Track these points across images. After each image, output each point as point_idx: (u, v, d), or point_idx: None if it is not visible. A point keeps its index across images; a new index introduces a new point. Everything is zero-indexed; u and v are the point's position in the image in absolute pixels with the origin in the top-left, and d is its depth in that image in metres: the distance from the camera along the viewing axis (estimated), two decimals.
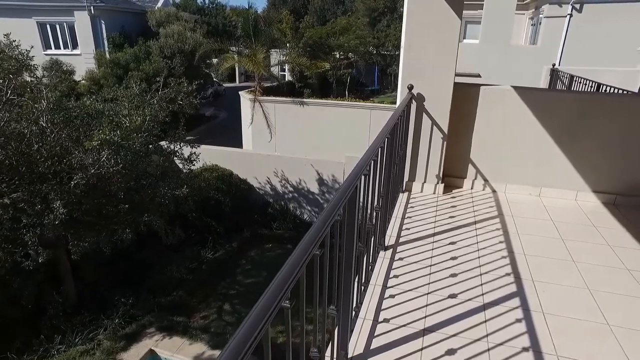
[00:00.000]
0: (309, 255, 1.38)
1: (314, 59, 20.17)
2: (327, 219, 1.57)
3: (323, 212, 1.61)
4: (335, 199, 1.71)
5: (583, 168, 4.04)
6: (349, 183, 1.81)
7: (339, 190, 1.78)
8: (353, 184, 1.82)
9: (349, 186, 1.82)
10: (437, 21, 3.69)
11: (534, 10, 17.81)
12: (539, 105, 3.96)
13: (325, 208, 1.64)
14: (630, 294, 2.73)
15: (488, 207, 3.90)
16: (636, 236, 3.47)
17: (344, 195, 1.75)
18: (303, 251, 1.36)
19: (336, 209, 1.67)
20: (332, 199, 1.72)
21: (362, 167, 2.04)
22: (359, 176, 1.98)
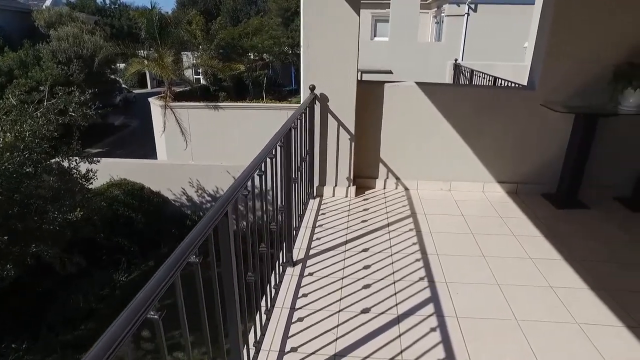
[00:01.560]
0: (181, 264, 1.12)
1: (227, 61, 19.51)
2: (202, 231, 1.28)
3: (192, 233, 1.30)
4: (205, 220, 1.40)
5: (488, 160, 4.11)
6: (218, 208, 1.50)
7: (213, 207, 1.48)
8: (220, 212, 1.50)
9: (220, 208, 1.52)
10: (334, 18, 3.51)
11: (436, 10, 18.77)
12: (443, 100, 3.96)
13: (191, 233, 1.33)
14: (533, 284, 2.75)
15: (401, 207, 3.81)
16: (535, 223, 3.57)
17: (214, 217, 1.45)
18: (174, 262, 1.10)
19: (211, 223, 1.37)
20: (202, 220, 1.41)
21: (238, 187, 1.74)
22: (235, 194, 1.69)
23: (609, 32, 3.68)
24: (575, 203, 3.93)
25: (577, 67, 3.79)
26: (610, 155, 4.05)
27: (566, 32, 3.69)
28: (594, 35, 3.69)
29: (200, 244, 1.34)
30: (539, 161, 4.09)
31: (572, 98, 3.87)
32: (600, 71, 3.76)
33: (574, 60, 3.76)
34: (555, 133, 3.97)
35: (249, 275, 1.91)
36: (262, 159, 1.97)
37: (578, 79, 3.83)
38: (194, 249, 1.29)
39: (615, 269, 2.96)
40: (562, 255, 3.09)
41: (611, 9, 3.62)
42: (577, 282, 2.79)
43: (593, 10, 3.63)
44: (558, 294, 2.66)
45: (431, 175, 4.16)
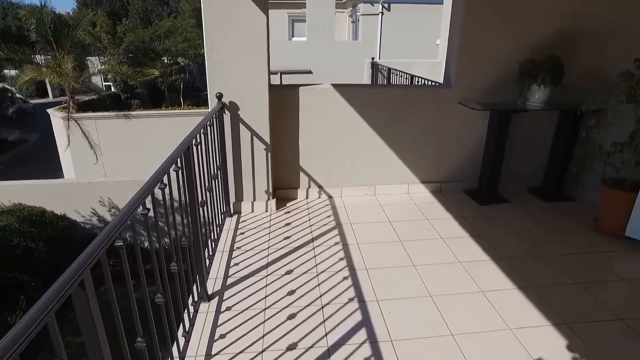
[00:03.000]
0: None
1: (139, 66, 18.22)
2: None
3: None
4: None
5: (410, 160, 4.03)
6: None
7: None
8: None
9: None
10: (240, 19, 3.17)
11: (352, 9, 19.02)
12: (361, 102, 3.79)
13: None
14: (465, 290, 2.64)
15: (325, 218, 3.58)
16: (461, 222, 3.53)
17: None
18: None
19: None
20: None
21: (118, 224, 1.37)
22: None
23: (514, 32, 3.75)
24: (496, 198, 3.97)
25: (488, 65, 3.81)
26: (521, 149, 4.16)
27: (476, 31, 3.70)
28: (501, 34, 3.73)
29: None
30: (460, 159, 4.09)
31: (486, 95, 3.89)
32: (510, 69, 3.81)
33: (485, 58, 3.78)
34: (473, 130, 3.98)
35: (138, 341, 1.52)
36: (145, 193, 1.59)
37: (490, 77, 3.86)
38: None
39: (534, 263, 2.96)
40: (489, 255, 3.04)
41: (515, 10, 3.68)
42: (506, 282, 2.73)
43: (499, 11, 3.67)
44: (489, 298, 2.57)
45: (354, 181, 3.99)
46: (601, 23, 3.77)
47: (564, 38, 3.83)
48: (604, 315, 2.45)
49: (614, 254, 3.12)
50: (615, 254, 3.12)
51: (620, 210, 3.30)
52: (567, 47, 3.83)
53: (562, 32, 3.82)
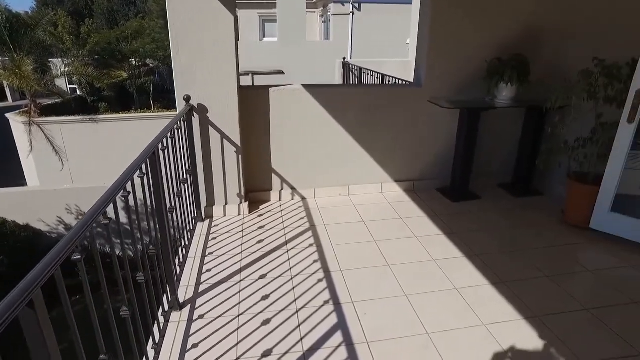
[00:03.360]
0: None
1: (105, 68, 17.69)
2: None
3: None
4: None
5: (383, 159, 4.03)
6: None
7: None
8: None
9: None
10: (207, 19, 3.09)
11: (323, 9, 19.04)
12: (332, 101, 3.77)
13: None
14: (440, 288, 2.66)
15: (299, 220, 3.54)
16: (434, 220, 3.56)
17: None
18: None
19: None
20: None
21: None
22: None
23: (481, 31, 3.81)
24: (468, 194, 4.03)
25: (457, 64, 3.86)
26: (492, 146, 4.23)
27: (444, 31, 3.74)
28: (469, 33, 3.79)
29: None
30: (432, 157, 4.13)
31: (456, 93, 3.94)
32: (478, 67, 3.88)
33: (454, 57, 3.83)
34: (444, 128, 4.02)
35: (102, 358, 1.45)
36: (105, 204, 1.51)
37: (459, 75, 3.91)
38: None
39: (506, 258, 3.01)
40: (462, 252, 3.07)
41: (481, 9, 3.74)
42: (479, 278, 2.77)
43: (466, 11, 3.72)
44: (464, 295, 2.59)
45: (328, 181, 3.97)
46: (560, 23, 3.88)
47: (528, 37, 3.92)
48: (572, 307, 2.51)
49: (580, 246, 3.21)
50: (581, 246, 3.21)
51: (584, 204, 3.39)
52: (531, 46, 3.92)
53: (525, 31, 3.91)
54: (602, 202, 3.25)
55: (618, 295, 2.62)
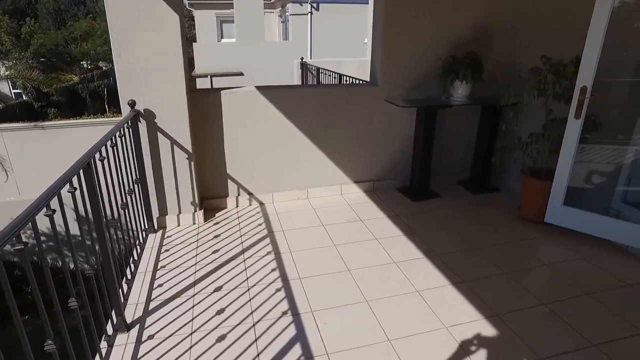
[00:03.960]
0: None
1: (53, 71, 16.84)
2: None
3: None
4: None
5: (342, 161, 3.97)
6: None
7: None
8: None
9: None
10: (150, 19, 2.91)
11: (281, 9, 18.88)
12: (288, 103, 3.66)
13: None
14: (401, 292, 2.61)
15: (256, 226, 3.42)
16: (395, 221, 3.53)
17: None
18: None
19: None
20: None
21: None
22: None
23: (435, 29, 3.81)
24: (428, 193, 4.03)
25: (412, 63, 3.86)
26: (450, 143, 4.26)
27: (398, 29, 3.71)
28: (423, 31, 3.79)
29: None
30: (391, 156, 4.10)
31: (412, 92, 3.94)
32: (433, 65, 3.89)
33: (408, 56, 3.82)
34: (402, 127, 4.01)
35: None
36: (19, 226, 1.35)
37: (415, 74, 3.90)
38: None
39: (466, 257, 3.02)
40: (423, 253, 3.05)
41: (434, 7, 3.74)
42: (440, 279, 2.74)
43: (419, 9, 3.71)
44: (425, 298, 2.55)
45: (286, 185, 3.86)
46: (511, 22, 3.95)
47: (480, 35, 3.96)
48: (530, 302, 2.53)
49: (536, 241, 3.27)
50: (537, 241, 3.27)
51: (538, 198, 3.46)
52: (484, 44, 3.97)
53: (478, 29, 3.95)
54: (555, 196, 3.32)
55: (571, 288, 2.67)
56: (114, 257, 2.25)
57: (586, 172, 3.49)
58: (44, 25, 23.49)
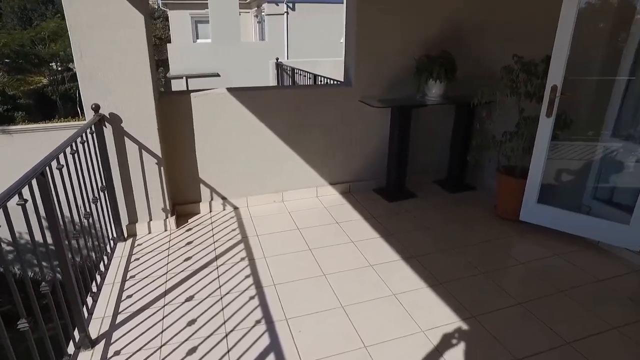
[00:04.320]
0: None
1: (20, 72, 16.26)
2: None
3: None
4: None
5: (317, 162, 3.92)
6: None
7: None
8: None
9: None
10: (112, 19, 2.78)
11: (257, 9, 18.72)
12: (261, 105, 3.58)
13: None
14: (378, 295, 2.57)
15: (230, 232, 3.33)
16: (371, 223, 3.49)
17: None
18: None
19: None
20: None
21: None
22: None
23: (409, 28, 3.80)
24: (404, 193, 4.02)
25: (386, 62, 3.83)
26: (425, 143, 4.26)
27: (371, 29, 3.68)
28: (397, 31, 3.77)
29: None
30: (367, 157, 4.07)
31: (387, 92, 3.91)
32: (408, 65, 3.87)
33: (382, 55, 3.79)
34: (377, 127, 3.98)
35: None
36: None
37: (389, 74, 3.88)
38: None
39: (442, 258, 3.00)
40: (400, 255, 3.02)
41: (407, 6, 3.72)
42: (417, 282, 2.72)
43: (392, 8, 3.68)
44: (402, 301, 2.52)
45: (261, 189, 3.79)
46: (484, 21, 3.97)
47: (453, 34, 3.97)
48: (506, 302, 2.52)
49: (511, 239, 3.28)
50: (512, 239, 3.28)
51: (514, 196, 3.48)
52: (457, 43, 3.98)
53: (451, 28, 3.95)
54: (529, 194, 3.34)
55: (546, 286, 2.68)
56: (76, 270, 2.13)
57: (559, 170, 3.53)
58: (9, 25, 22.67)
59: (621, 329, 2.32)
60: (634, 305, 2.53)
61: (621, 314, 2.44)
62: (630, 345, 2.20)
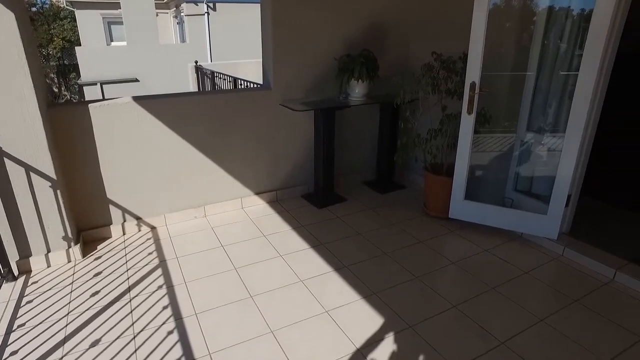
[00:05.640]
0: None
1: None
2: None
3: None
4: None
5: (241, 172, 3.66)
6: None
7: None
8: None
9: None
10: None
11: (175, 9, 17.85)
12: (174, 113, 3.25)
13: None
14: (310, 314, 2.39)
15: (146, 256, 2.99)
16: (300, 233, 3.32)
17: None
18: None
19: None
20: None
21: None
22: None
23: (329, 27, 3.66)
24: (334, 198, 3.89)
25: (306, 63, 3.67)
26: (353, 144, 4.17)
27: (289, 28, 3.49)
28: (316, 29, 3.61)
29: None
30: (293, 163, 3.89)
31: (309, 93, 3.75)
32: (329, 65, 3.74)
33: (302, 55, 3.62)
34: (302, 131, 3.81)
35: None
36: None
37: (310, 74, 3.72)
38: None
39: (376, 265, 2.90)
40: (332, 266, 2.87)
41: (324, 6, 3.58)
42: (351, 294, 2.58)
43: (310, 5, 3.52)
44: (335, 317, 2.36)
45: (180, 204, 3.46)
46: (402, 18, 3.95)
47: (374, 33, 3.90)
48: (442, 306, 2.46)
49: (442, 238, 3.26)
50: (443, 238, 3.27)
51: (442, 194, 3.48)
52: (378, 41, 3.92)
53: (371, 27, 3.88)
54: (457, 191, 3.35)
55: (478, 284, 2.67)
56: None
57: (483, 165, 3.58)
58: None
59: (547, 319, 2.35)
60: (557, 295, 2.58)
61: (547, 305, 2.48)
62: (554, 337, 2.21)
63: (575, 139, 2.78)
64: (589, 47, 2.58)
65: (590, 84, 2.63)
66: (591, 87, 2.63)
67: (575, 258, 2.94)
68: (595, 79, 2.62)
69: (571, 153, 2.82)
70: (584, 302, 2.52)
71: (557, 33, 3.08)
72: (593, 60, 2.58)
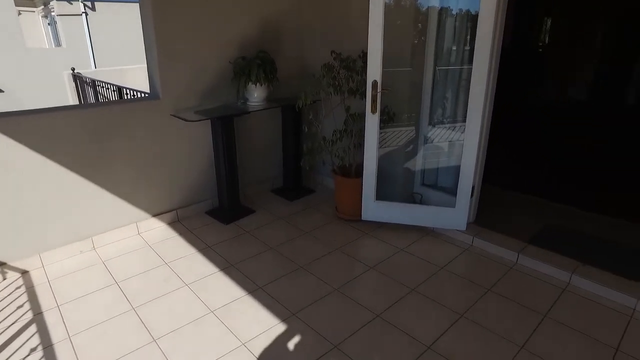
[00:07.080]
0: None
1: None
2: None
3: None
4: None
5: (133, 194, 3.21)
6: None
7: None
8: None
9: None
10: None
11: (43, 7, 15.83)
12: (42, 134, 2.70)
13: None
14: (225, 350, 2.12)
15: (14, 311, 2.43)
16: (208, 256, 3.01)
17: None
18: None
19: None
20: None
21: None
22: None
23: (222, 28, 3.36)
24: (241, 211, 3.62)
25: (199, 67, 3.34)
26: (257, 151, 3.93)
27: (175, 29, 3.13)
28: (207, 30, 3.30)
29: None
30: (193, 177, 3.53)
31: (204, 101, 3.42)
32: (224, 69, 3.45)
33: (192, 59, 3.28)
34: (199, 142, 3.48)
35: None
36: None
37: (204, 80, 3.39)
38: None
39: (293, 281, 2.71)
40: (244, 289, 2.61)
41: (213, 6, 3.27)
42: (268, 319, 2.34)
43: (194, 5, 3.18)
44: (253, 349, 2.12)
45: (59, 239, 2.92)
46: (297, 18, 3.80)
47: (269, 33, 3.70)
48: (365, 318, 2.35)
49: (357, 242, 3.18)
50: (358, 242, 3.18)
51: (353, 197, 3.40)
52: (274, 42, 3.73)
53: (266, 27, 3.66)
54: (367, 192, 3.29)
55: (398, 288, 2.61)
56: None
57: (390, 163, 3.57)
58: None
59: (467, 314, 2.36)
60: (472, 286, 2.62)
61: (464, 299, 2.50)
62: (475, 332, 2.22)
63: (475, 128, 2.85)
64: (479, 42, 2.66)
65: (484, 75, 2.71)
66: (485, 78, 2.71)
67: (483, 246, 3.04)
68: (487, 70, 2.70)
69: (472, 143, 2.89)
70: (496, 289, 2.60)
71: (449, 30, 3.17)
72: (484, 54, 2.67)
